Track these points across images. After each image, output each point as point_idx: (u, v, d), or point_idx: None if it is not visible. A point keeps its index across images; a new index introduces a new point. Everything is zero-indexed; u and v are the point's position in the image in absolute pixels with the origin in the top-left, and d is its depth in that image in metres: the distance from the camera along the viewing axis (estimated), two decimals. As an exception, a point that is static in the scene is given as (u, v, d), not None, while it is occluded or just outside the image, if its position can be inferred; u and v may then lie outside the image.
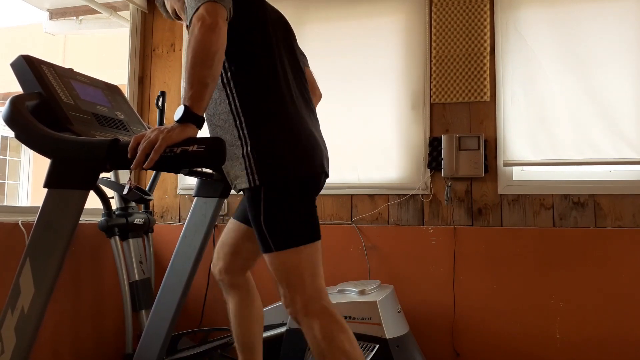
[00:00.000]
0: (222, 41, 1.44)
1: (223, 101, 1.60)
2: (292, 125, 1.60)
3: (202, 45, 1.41)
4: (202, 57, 1.41)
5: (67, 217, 1.50)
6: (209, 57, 1.41)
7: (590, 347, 2.58)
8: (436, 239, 2.81)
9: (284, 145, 1.57)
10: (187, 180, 3.28)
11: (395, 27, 3.02)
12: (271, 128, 1.57)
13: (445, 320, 2.77)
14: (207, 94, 1.44)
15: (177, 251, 2.24)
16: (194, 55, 1.41)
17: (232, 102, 1.59)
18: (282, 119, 1.59)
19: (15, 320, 1.48)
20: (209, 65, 1.42)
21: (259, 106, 1.58)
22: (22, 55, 1.75)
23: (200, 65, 1.41)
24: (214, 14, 1.43)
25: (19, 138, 1.56)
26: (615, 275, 2.58)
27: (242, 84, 1.59)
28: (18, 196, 5.52)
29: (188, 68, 1.43)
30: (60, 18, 3.73)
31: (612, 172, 2.70)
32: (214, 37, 1.41)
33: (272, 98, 1.60)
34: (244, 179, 1.56)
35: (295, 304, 1.57)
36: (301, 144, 1.60)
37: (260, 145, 1.55)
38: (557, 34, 2.78)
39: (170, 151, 1.39)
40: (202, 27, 1.42)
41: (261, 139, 1.56)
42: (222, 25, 1.44)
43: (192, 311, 3.10)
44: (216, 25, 1.42)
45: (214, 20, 1.42)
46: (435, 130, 2.91)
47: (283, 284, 1.58)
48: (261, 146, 1.55)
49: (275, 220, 1.56)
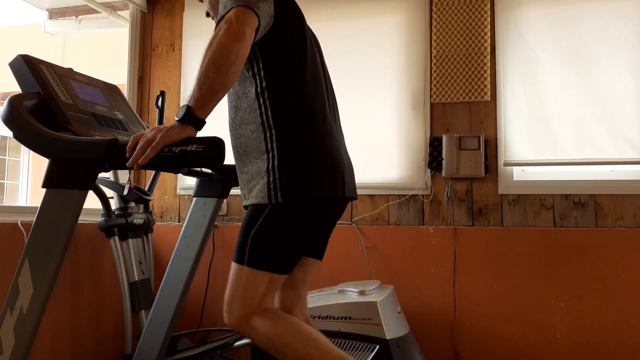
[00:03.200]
0: (244, 51, 1.38)
1: (253, 111, 1.54)
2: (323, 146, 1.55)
3: (223, 51, 1.36)
4: (219, 63, 1.36)
5: (66, 217, 1.50)
6: (226, 65, 1.36)
7: (591, 347, 2.58)
8: (436, 239, 2.80)
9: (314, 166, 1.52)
10: (187, 180, 3.28)
11: (396, 27, 3.02)
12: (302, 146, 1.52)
13: (445, 321, 2.76)
14: (213, 101, 1.40)
15: (177, 251, 2.23)
16: (212, 59, 1.37)
17: (263, 114, 1.52)
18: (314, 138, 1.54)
19: (14, 320, 1.48)
20: (224, 72, 1.37)
21: (293, 122, 1.53)
22: (20, 55, 1.75)
23: (215, 70, 1.37)
24: (243, 22, 1.38)
25: (17, 138, 1.56)
26: (616, 275, 2.57)
27: (277, 97, 1.53)
28: (17, 196, 5.51)
29: (202, 69, 1.38)
30: (60, 18, 3.72)
31: (613, 172, 2.69)
32: (237, 45, 1.36)
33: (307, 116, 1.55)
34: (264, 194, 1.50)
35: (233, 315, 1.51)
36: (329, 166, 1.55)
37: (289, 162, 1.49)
38: (558, 33, 2.77)
39: (170, 151, 1.38)
40: (227, 32, 1.36)
41: (290, 156, 1.50)
42: (249, 35, 1.38)
43: (191, 311, 3.09)
44: (242, 34, 1.37)
45: (240, 28, 1.37)
46: (435, 130, 2.90)
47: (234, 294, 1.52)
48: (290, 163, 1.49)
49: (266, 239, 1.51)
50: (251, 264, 1.50)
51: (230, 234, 3.11)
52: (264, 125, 1.52)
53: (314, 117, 1.57)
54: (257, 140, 1.53)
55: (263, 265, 1.51)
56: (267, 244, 1.51)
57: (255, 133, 1.53)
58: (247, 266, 1.51)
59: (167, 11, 3.45)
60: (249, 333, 1.51)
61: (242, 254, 1.51)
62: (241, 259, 1.51)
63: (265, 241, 1.51)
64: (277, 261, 1.52)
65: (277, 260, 1.52)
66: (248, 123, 1.55)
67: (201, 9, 3.34)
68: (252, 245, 1.51)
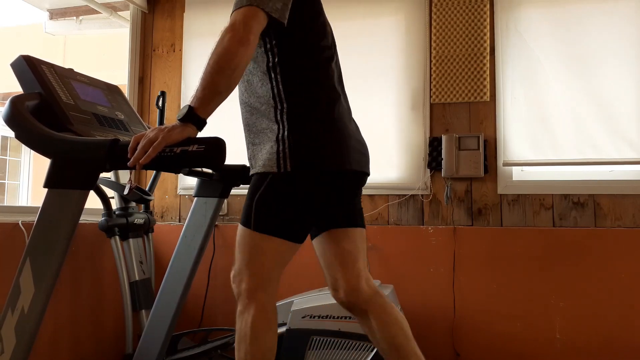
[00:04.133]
0: (247, 56, 1.43)
1: (265, 84, 1.57)
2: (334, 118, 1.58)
3: (227, 54, 1.40)
4: (223, 66, 1.40)
5: (67, 217, 1.50)
6: (229, 67, 1.40)
7: (591, 347, 2.58)
8: (436, 239, 2.81)
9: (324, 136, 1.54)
10: (187, 180, 3.28)
11: (395, 27, 3.02)
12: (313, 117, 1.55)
13: (445, 321, 2.76)
14: (216, 101, 1.43)
15: (177, 251, 2.24)
16: (216, 61, 1.41)
17: (274, 87, 1.56)
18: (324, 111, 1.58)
19: (15, 320, 1.48)
20: (228, 74, 1.41)
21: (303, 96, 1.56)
22: (22, 56, 1.75)
23: (218, 73, 1.40)
24: (249, 26, 1.42)
25: (19, 138, 1.56)
26: (615, 275, 2.58)
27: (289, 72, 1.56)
28: (18, 196, 5.52)
29: (206, 71, 1.42)
30: (61, 18, 3.73)
31: (612, 172, 2.69)
32: (241, 50, 1.41)
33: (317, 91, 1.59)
34: (273, 163, 1.51)
35: (241, 284, 1.54)
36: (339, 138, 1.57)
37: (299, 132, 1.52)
38: (558, 33, 2.78)
39: (170, 151, 1.39)
40: (232, 38, 1.41)
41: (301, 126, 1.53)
42: (253, 41, 1.43)
43: (192, 311, 3.10)
44: (246, 40, 1.41)
45: (245, 36, 1.41)
46: (435, 130, 2.91)
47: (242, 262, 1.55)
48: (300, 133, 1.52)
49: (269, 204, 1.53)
50: (258, 227, 1.52)
51: (231, 234, 3.11)
52: (275, 99, 1.56)
53: (324, 92, 1.60)
54: (267, 113, 1.56)
55: (270, 229, 1.52)
56: (272, 209, 1.52)
57: (266, 106, 1.56)
58: (253, 230, 1.52)
59: (167, 12, 3.45)
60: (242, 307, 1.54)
61: (249, 217, 1.54)
62: (247, 223, 1.54)
63: (270, 206, 1.52)
64: (282, 226, 1.53)
65: (282, 226, 1.53)
66: (259, 96, 1.58)
67: (201, 9, 3.34)
68: (257, 209, 1.52)
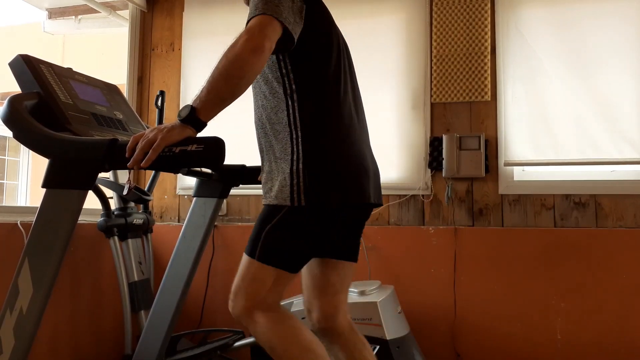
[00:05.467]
0: (260, 65, 1.39)
1: (281, 111, 1.53)
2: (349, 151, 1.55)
3: (238, 61, 1.36)
4: (232, 73, 1.37)
5: (66, 217, 1.49)
6: (238, 76, 1.37)
7: (592, 347, 2.57)
8: (437, 239, 2.80)
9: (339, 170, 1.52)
10: (187, 180, 3.27)
11: (396, 27, 3.01)
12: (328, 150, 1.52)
13: (445, 321, 2.76)
14: (219, 107, 1.40)
15: (177, 251, 2.23)
16: (226, 67, 1.37)
17: (291, 114, 1.52)
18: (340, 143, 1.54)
19: (13, 320, 1.47)
20: (235, 83, 1.37)
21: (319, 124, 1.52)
22: (20, 55, 1.74)
23: (227, 79, 1.37)
24: (265, 35, 1.38)
25: (17, 138, 1.55)
26: (616, 275, 2.57)
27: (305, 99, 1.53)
28: (17, 196, 5.51)
29: (214, 74, 1.38)
30: (59, 17, 3.72)
31: (614, 172, 2.69)
32: (253, 59, 1.36)
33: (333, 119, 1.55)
34: (286, 196, 1.48)
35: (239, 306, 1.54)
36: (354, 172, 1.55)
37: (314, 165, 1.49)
38: (559, 33, 2.77)
39: (169, 151, 1.38)
40: (246, 44, 1.36)
41: (315, 159, 1.49)
42: (267, 49, 1.38)
43: (191, 312, 3.09)
44: (261, 48, 1.37)
45: (260, 42, 1.37)
46: (435, 130, 2.90)
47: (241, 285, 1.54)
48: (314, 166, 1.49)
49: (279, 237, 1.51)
50: (261, 258, 1.51)
51: (230, 234, 3.10)
52: (290, 126, 1.52)
53: (341, 120, 1.57)
54: (282, 141, 1.53)
55: (272, 261, 1.51)
56: (280, 243, 1.51)
57: (282, 133, 1.53)
58: (257, 260, 1.52)
59: (166, 11, 3.44)
60: (249, 325, 1.53)
61: (254, 247, 1.52)
62: (252, 253, 1.53)
63: (278, 239, 1.51)
64: (287, 260, 1.53)
65: (287, 259, 1.53)
66: (274, 123, 1.55)
67: (201, 8, 3.33)
68: (265, 242, 1.51)
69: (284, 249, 1.52)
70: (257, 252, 1.51)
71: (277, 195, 1.51)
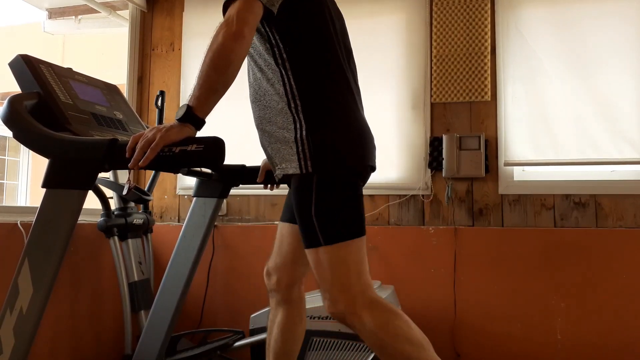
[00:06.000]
0: (243, 51, 1.40)
1: (277, 82, 1.53)
2: (349, 114, 1.56)
3: (222, 50, 1.38)
4: (218, 63, 1.38)
5: (66, 217, 1.49)
6: (225, 64, 1.38)
7: (592, 347, 2.57)
8: (437, 239, 2.80)
9: (341, 134, 1.51)
10: (187, 180, 3.27)
11: (396, 27, 3.01)
12: (329, 114, 1.52)
13: (445, 321, 2.75)
14: (214, 99, 1.41)
15: (176, 251, 2.23)
16: (211, 59, 1.39)
17: (286, 84, 1.52)
18: (339, 106, 1.54)
19: (13, 320, 1.47)
20: (223, 72, 1.39)
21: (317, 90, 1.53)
22: (20, 55, 1.74)
23: (214, 70, 1.39)
24: (243, 21, 1.39)
25: (17, 138, 1.55)
26: (616, 275, 2.57)
27: (299, 66, 1.52)
28: (17, 196, 5.51)
29: (202, 69, 1.40)
30: (59, 17, 3.71)
31: (614, 172, 2.68)
32: (235, 46, 1.38)
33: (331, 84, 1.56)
34: (294, 164, 1.48)
35: (339, 304, 1.46)
36: (357, 134, 1.55)
37: (317, 130, 1.48)
38: (559, 33, 2.77)
39: (169, 151, 1.38)
40: (226, 33, 1.38)
41: (318, 124, 1.49)
42: (248, 35, 1.40)
43: (191, 312, 3.09)
44: (240, 35, 1.38)
45: (239, 29, 1.38)
46: (435, 130, 2.90)
47: (327, 283, 1.47)
48: (318, 132, 1.48)
49: (327, 211, 1.46)
50: (328, 241, 1.46)
51: (230, 234, 3.10)
52: (287, 96, 1.52)
53: (338, 85, 1.57)
54: (282, 112, 1.52)
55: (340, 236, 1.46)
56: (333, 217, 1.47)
57: (280, 104, 1.53)
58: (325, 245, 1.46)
59: (166, 11, 3.44)
60: (355, 324, 1.46)
61: (314, 236, 1.46)
62: (316, 242, 1.46)
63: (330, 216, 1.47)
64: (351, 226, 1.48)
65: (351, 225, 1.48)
66: (271, 94, 1.55)
67: (201, 8, 3.33)
68: (320, 224, 1.46)
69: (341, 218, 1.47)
70: (321, 237, 1.46)
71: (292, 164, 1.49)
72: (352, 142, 1.53)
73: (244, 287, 3.02)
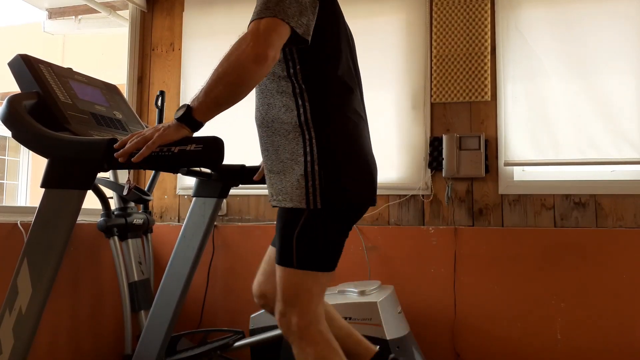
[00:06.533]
0: (261, 75, 1.34)
1: (290, 111, 1.49)
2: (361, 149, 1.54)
3: (239, 69, 1.32)
4: (231, 80, 1.33)
5: (65, 217, 1.49)
6: (237, 83, 1.33)
7: (592, 348, 2.57)
8: (437, 239, 2.80)
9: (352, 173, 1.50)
10: (186, 180, 3.27)
11: (396, 27, 3.01)
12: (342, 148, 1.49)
13: (445, 321, 2.75)
14: (216, 111, 1.38)
15: (176, 251, 2.23)
16: (226, 72, 1.33)
17: (302, 115, 1.48)
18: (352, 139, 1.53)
19: (13, 320, 1.47)
20: (234, 90, 1.34)
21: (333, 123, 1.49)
22: (19, 55, 1.74)
23: (224, 85, 1.34)
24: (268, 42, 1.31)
25: (16, 138, 1.55)
26: (616, 275, 2.57)
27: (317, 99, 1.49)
28: (16, 196, 5.51)
29: (213, 76, 1.35)
30: (59, 17, 3.71)
31: (614, 172, 2.68)
32: (255, 67, 1.31)
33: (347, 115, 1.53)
34: (301, 198, 1.46)
35: (291, 324, 1.50)
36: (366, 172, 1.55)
37: (329, 166, 1.46)
38: (559, 33, 2.77)
39: (169, 150, 1.38)
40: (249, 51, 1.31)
41: (331, 159, 1.46)
42: (270, 59, 1.32)
43: (191, 312, 3.09)
44: (264, 57, 1.31)
45: (263, 51, 1.31)
46: (435, 130, 2.89)
47: (286, 302, 1.50)
48: (330, 167, 1.46)
49: (310, 239, 1.48)
50: (300, 265, 1.47)
51: (230, 234, 3.10)
52: (302, 127, 1.48)
53: (352, 120, 1.55)
54: (293, 142, 1.49)
55: (312, 265, 1.48)
56: (312, 245, 1.48)
57: (292, 134, 1.49)
58: (296, 268, 1.48)
59: (166, 11, 3.44)
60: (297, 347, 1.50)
61: (289, 256, 1.48)
62: (289, 262, 1.48)
63: (310, 242, 1.48)
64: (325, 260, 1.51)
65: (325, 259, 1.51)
66: (282, 122, 1.51)
67: (201, 8, 3.33)
68: (299, 247, 1.47)
69: (319, 249, 1.49)
70: (295, 259, 1.47)
71: (293, 198, 1.47)
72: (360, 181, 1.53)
73: (244, 287, 3.01)
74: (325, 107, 1.50)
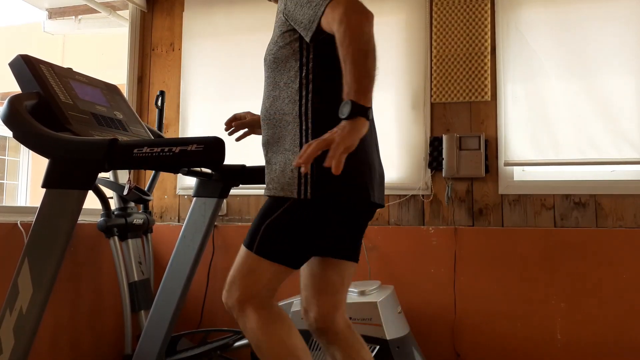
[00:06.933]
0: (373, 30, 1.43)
1: (293, 102, 1.52)
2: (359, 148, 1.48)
3: (368, 37, 1.40)
4: (368, 50, 1.40)
5: (66, 217, 1.49)
6: (374, 50, 1.41)
7: (591, 347, 2.57)
8: (437, 239, 2.80)
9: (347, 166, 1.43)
10: (187, 180, 3.27)
11: (396, 27, 3.01)
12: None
13: (445, 321, 2.75)
14: (373, 86, 1.42)
15: (176, 251, 2.23)
16: (361, 48, 1.39)
17: (303, 106, 1.51)
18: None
19: (13, 320, 1.47)
20: (374, 57, 1.42)
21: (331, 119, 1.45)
22: (20, 55, 1.75)
23: (366, 58, 1.40)
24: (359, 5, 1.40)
25: (17, 138, 1.55)
26: (616, 275, 2.57)
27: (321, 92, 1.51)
28: (17, 196, 5.51)
29: (352, 61, 1.38)
30: (59, 17, 3.72)
31: (614, 172, 2.68)
32: (368, 26, 1.41)
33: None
34: (293, 188, 1.47)
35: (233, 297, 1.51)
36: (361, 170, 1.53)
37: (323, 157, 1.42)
38: (558, 33, 2.77)
39: (169, 150, 1.38)
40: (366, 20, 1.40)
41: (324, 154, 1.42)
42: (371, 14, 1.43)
43: (191, 312, 3.09)
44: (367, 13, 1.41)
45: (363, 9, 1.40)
46: (435, 130, 2.90)
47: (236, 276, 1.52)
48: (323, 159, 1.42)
49: (278, 231, 1.49)
50: (259, 252, 1.50)
51: (230, 234, 3.10)
52: (301, 118, 1.51)
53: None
54: (292, 132, 1.51)
55: (270, 255, 1.50)
56: (279, 237, 1.49)
57: (292, 125, 1.52)
58: (254, 253, 1.50)
59: (166, 11, 3.44)
60: (240, 318, 1.52)
61: (253, 240, 1.51)
62: (250, 245, 1.51)
63: (277, 233, 1.49)
64: (286, 254, 1.51)
65: (287, 254, 1.51)
66: (284, 113, 1.53)
67: (201, 8, 3.33)
68: (264, 235, 1.50)
69: (284, 243, 1.50)
70: (255, 244, 1.50)
71: (284, 187, 1.49)
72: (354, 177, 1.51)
73: (244, 287, 3.01)
74: (328, 101, 1.51)
